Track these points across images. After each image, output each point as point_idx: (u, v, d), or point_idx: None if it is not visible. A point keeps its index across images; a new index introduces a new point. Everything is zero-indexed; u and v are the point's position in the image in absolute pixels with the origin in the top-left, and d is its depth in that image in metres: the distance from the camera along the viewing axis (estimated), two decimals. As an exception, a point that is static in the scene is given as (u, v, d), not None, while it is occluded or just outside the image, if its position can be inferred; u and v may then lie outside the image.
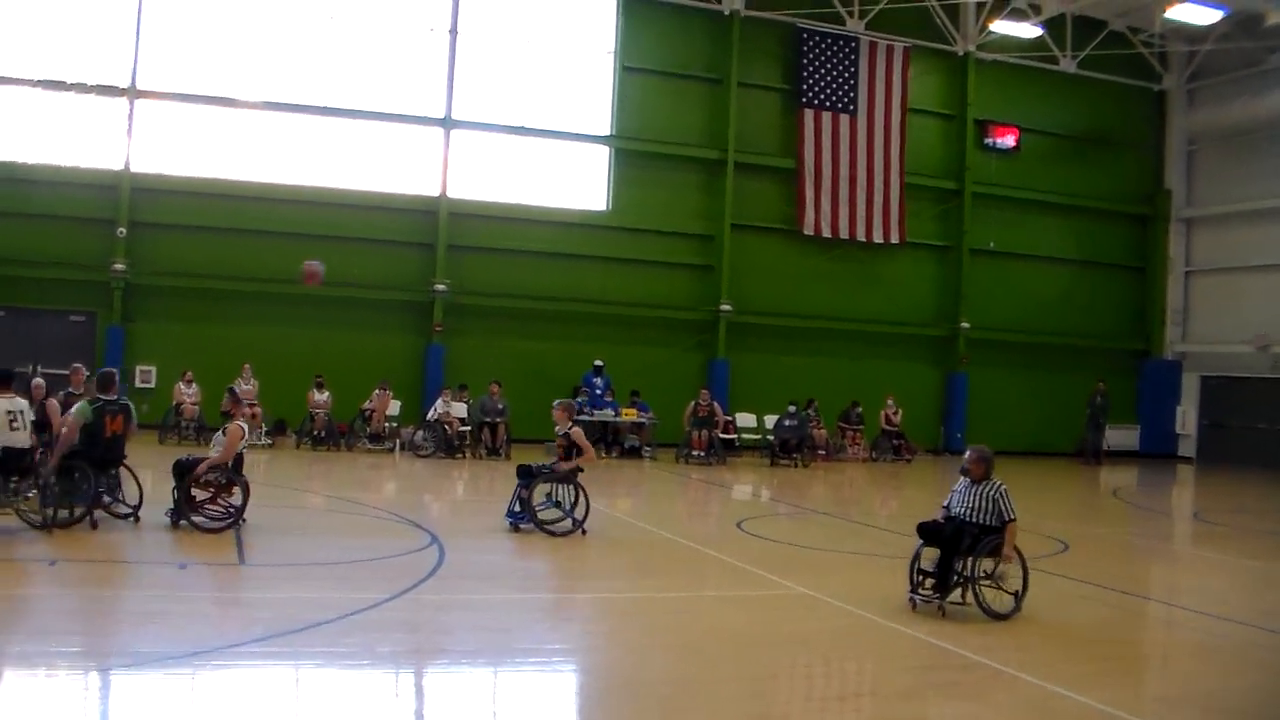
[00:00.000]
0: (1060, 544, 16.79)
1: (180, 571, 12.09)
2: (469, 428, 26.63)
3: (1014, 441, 33.21)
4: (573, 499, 15.39)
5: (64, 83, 27.75)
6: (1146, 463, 34.81)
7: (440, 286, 29.47)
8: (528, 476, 15.48)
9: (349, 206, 29.33)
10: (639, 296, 31.20)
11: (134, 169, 28.00)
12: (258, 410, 25.78)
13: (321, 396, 26.23)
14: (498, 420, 26.25)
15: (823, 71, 32.63)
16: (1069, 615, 12.05)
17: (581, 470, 15.67)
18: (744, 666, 9.45)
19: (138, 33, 28.14)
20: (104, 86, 27.99)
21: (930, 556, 11.29)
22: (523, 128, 30.76)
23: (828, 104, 32.71)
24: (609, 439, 27.96)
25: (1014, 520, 11.34)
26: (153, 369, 27.76)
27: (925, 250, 34.23)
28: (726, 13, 31.74)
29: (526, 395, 27.58)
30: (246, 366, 26.22)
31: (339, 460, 24.62)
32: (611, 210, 31.42)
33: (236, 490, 14.27)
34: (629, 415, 27.91)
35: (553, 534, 15.02)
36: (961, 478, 11.75)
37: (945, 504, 11.73)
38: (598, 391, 28.01)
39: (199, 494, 14.14)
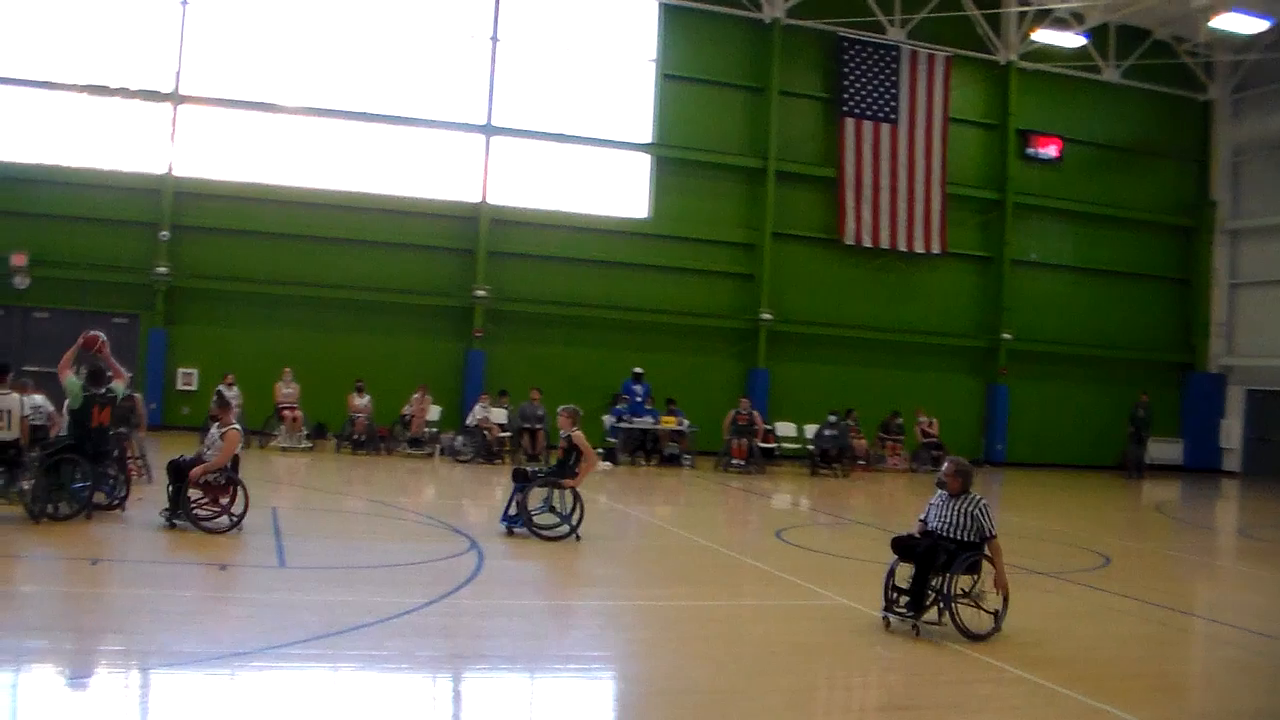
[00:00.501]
0: (1102, 558, 16.73)
1: (221, 572, 12.16)
2: (509, 434, 26.71)
3: (1056, 454, 33.34)
4: (570, 505, 15.25)
5: (109, 88, 28.07)
6: (1191, 477, 34.51)
7: (481, 292, 29.61)
8: (524, 481, 15.43)
9: (390, 212, 29.59)
10: (679, 304, 31.30)
11: (177, 173, 28.34)
12: (298, 414, 25.98)
13: (362, 401, 26.39)
14: (537, 427, 26.36)
15: (864, 81, 32.61)
16: (1110, 630, 11.91)
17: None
18: (783, 677, 9.37)
19: (181, 38, 28.54)
20: (148, 91, 28.33)
21: (905, 573, 10.86)
22: (563, 135, 30.90)
23: (869, 113, 32.68)
24: (648, 447, 27.92)
25: (995, 538, 10.87)
26: (194, 371, 28.06)
27: (966, 261, 34.15)
28: (767, 21, 31.83)
29: (566, 402, 27.61)
30: (287, 370, 26.43)
31: (379, 464, 24.72)
32: (653, 218, 31.49)
33: (233, 492, 14.27)
34: (669, 423, 27.87)
35: (547, 539, 14.94)
36: (939, 491, 11.29)
37: (922, 518, 11.25)
38: (637, 399, 27.99)
39: (194, 494, 14.12)
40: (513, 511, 15.26)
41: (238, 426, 14.81)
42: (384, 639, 9.73)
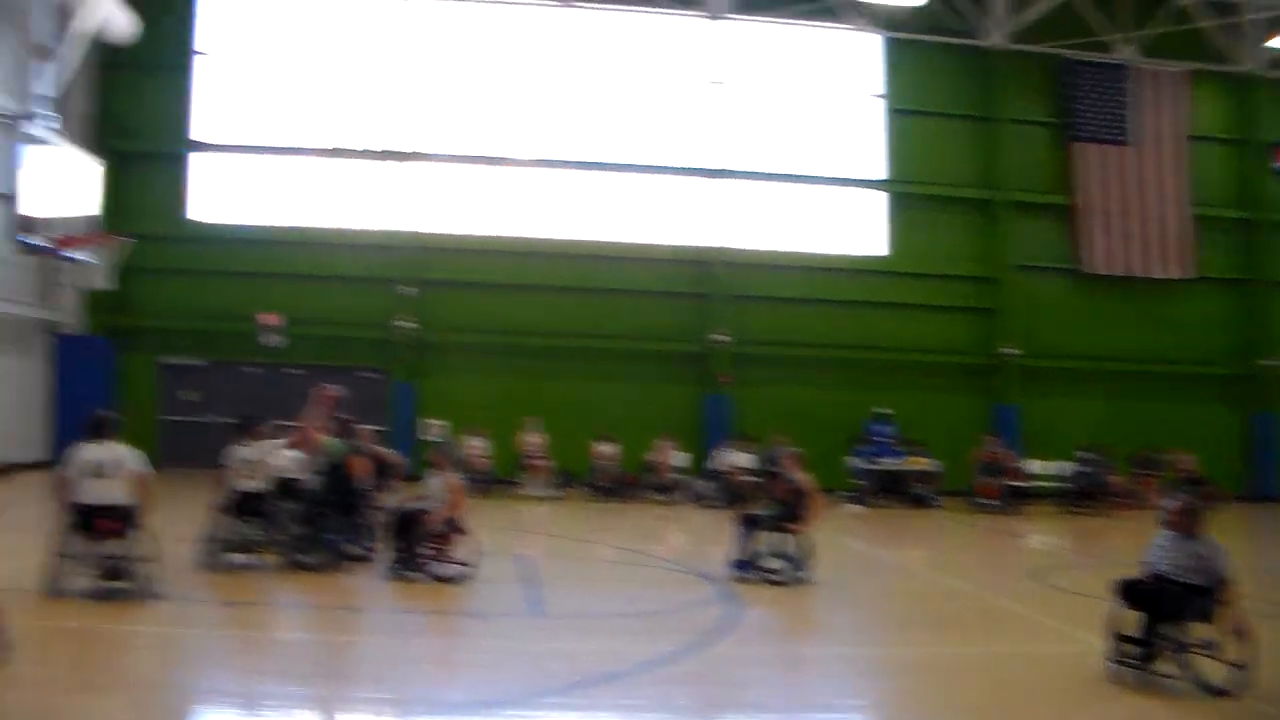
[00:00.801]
0: None
1: (473, 621, 12.46)
2: (754, 478, 26.43)
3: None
4: (798, 550, 14.96)
5: (352, 150, 29.24)
6: None
7: (720, 337, 29.57)
8: (752, 526, 15.21)
9: (625, 259, 30.13)
10: (920, 342, 30.92)
11: (421, 229, 29.52)
12: (545, 463, 26.29)
13: (607, 448, 26.58)
14: (782, 470, 25.97)
15: (1093, 102, 31.74)
16: None
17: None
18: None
19: (417, 100, 29.87)
20: (388, 152, 29.53)
21: (1134, 620, 10.09)
22: (798, 175, 30.97)
23: (1100, 136, 31.73)
24: (895, 488, 27.41)
25: (1228, 581, 9.85)
26: (442, 423, 28.54)
27: (1217, 284, 32.52)
28: (990, 49, 31.20)
29: (809, 444, 27.27)
30: (532, 420, 26.90)
31: (626, 512, 24.89)
32: (891, 255, 31.23)
33: (456, 540, 14.28)
34: (916, 463, 27.30)
35: (777, 584, 14.62)
36: (1164, 530, 10.42)
37: (1148, 559, 10.42)
38: (883, 440, 27.50)
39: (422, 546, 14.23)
40: (742, 556, 15.12)
41: (456, 475, 15.04)
42: (637, 688, 9.81)
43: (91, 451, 11.92)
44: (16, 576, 11.61)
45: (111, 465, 11.93)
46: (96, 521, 11.73)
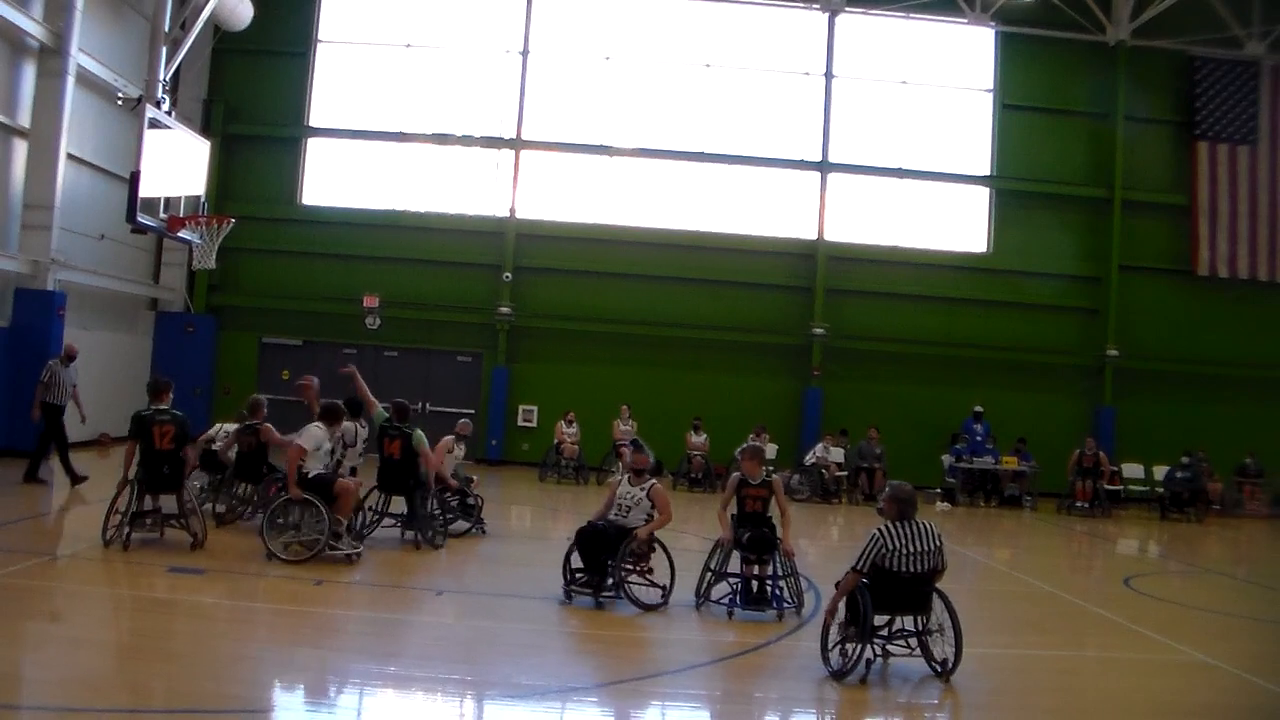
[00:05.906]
0: None
1: (562, 606, 12.78)
2: (845, 473, 27.02)
3: None
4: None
5: (454, 136, 30.61)
6: None
7: (818, 330, 30.52)
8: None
9: (725, 250, 31.42)
10: (1020, 341, 31.63)
11: (521, 216, 31.05)
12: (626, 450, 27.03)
13: (699, 438, 27.55)
14: (875, 465, 26.74)
15: (1219, 100, 31.85)
16: None
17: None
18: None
19: (522, 87, 31.41)
20: (490, 138, 30.88)
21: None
22: (900, 169, 31.89)
23: (1225, 135, 31.71)
24: (988, 487, 27.91)
25: (853, 570, 10.07)
26: (534, 408, 29.90)
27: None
28: (1111, 44, 31.60)
29: (904, 440, 28.13)
30: (625, 408, 28.05)
31: (714, 501, 25.25)
32: (992, 252, 31.93)
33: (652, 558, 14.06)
34: (1009, 463, 27.88)
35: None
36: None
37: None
38: (978, 438, 28.07)
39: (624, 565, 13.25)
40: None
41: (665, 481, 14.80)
42: (722, 677, 10.37)
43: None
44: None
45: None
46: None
